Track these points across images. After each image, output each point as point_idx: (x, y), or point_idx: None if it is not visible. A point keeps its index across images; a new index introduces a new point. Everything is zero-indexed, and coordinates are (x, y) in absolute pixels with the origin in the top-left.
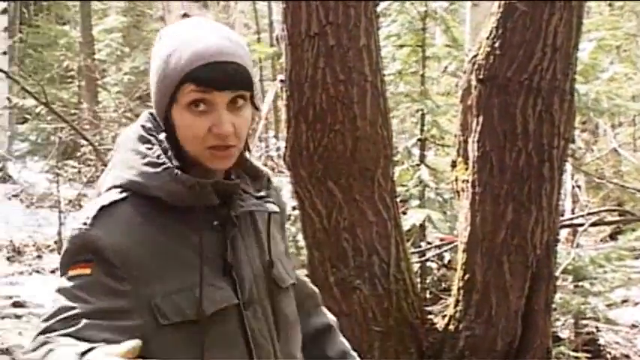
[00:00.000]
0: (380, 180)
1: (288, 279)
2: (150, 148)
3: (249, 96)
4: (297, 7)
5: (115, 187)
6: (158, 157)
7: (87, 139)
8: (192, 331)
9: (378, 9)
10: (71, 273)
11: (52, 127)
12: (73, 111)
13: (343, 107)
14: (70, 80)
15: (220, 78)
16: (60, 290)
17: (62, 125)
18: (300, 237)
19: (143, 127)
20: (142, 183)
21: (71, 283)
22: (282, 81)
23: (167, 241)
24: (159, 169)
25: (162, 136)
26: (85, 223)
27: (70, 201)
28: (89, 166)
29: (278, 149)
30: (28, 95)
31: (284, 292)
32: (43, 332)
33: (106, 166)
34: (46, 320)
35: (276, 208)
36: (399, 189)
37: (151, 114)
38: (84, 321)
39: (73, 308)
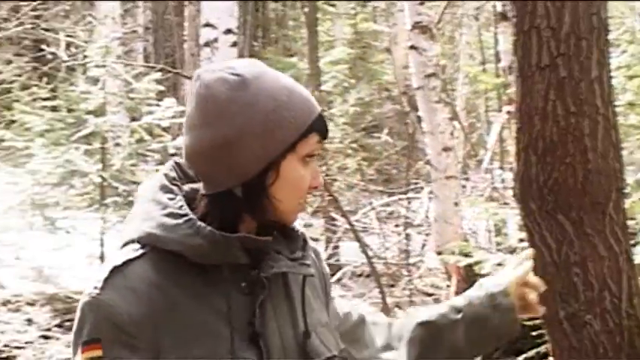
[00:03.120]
0: (611, 213)
1: (326, 352)
2: (172, 199)
3: None
4: (528, 39)
5: (133, 241)
6: (180, 207)
7: None
8: None
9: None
10: (83, 356)
11: None
12: None
13: (574, 140)
14: None
15: (327, 129)
16: None
17: None
18: None
19: (166, 175)
20: (160, 236)
21: None
22: (508, 112)
23: (189, 304)
24: (180, 221)
25: (187, 187)
26: (96, 287)
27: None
28: (315, 196)
29: (503, 181)
30: None
31: None
32: None
33: (332, 196)
34: None
35: (311, 271)
36: (630, 222)
37: (177, 163)
38: None
39: None
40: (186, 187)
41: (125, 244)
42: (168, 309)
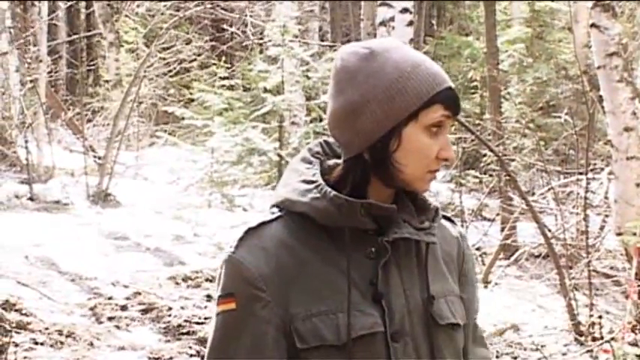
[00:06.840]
0: None
1: (451, 317)
2: (309, 168)
3: None
4: None
5: (273, 205)
6: (313, 175)
7: (493, 150)
8: (332, 357)
9: None
10: (219, 309)
11: (455, 137)
12: (475, 121)
13: None
14: (473, 91)
15: (458, 105)
16: (213, 328)
17: (465, 135)
18: None
19: (310, 150)
20: (293, 200)
21: (220, 320)
22: None
23: (314, 262)
24: (311, 186)
25: (331, 161)
26: (231, 246)
27: (473, 211)
28: (491, 176)
29: None
30: None
31: (444, 331)
32: None
33: (510, 176)
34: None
35: (434, 240)
36: None
37: (325, 141)
38: None
39: (224, 350)
40: (331, 161)
41: (270, 208)
42: (295, 266)
